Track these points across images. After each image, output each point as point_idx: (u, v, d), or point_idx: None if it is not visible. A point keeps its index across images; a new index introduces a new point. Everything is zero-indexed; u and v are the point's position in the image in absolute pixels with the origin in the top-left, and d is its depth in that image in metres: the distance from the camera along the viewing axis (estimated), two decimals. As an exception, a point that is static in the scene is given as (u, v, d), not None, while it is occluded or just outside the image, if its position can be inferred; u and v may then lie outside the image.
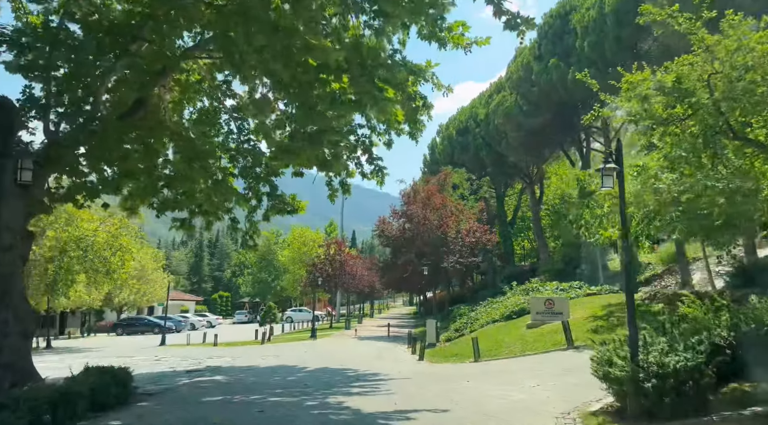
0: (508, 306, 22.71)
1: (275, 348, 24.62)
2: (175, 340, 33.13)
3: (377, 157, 16.63)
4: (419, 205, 30.91)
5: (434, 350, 20.60)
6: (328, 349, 22.66)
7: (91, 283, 33.48)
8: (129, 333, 47.10)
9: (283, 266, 72.24)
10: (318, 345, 25.20)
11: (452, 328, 25.81)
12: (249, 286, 76.42)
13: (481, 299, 34.10)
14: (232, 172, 16.86)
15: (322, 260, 42.39)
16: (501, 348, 16.06)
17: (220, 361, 18.38)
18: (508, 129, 37.23)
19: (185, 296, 76.67)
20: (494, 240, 31.81)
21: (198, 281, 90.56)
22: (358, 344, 25.82)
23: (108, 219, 31.33)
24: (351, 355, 19.81)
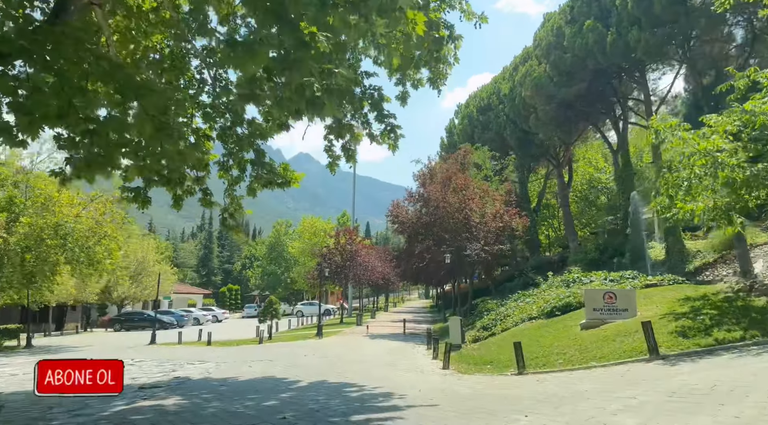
0: (549, 300, 18.97)
1: (273, 350, 21.22)
2: (169, 338, 29.96)
3: (389, 114, 13.06)
4: (437, 186, 27.17)
5: (460, 354, 16.98)
6: (333, 352, 19.16)
7: (76, 275, 30.41)
8: (128, 328, 44.22)
9: (294, 258, 69.20)
10: (322, 346, 21.73)
11: (478, 326, 22.16)
12: (258, 279, 73.59)
13: (509, 292, 30.38)
14: (207, 134, 13.32)
15: (331, 250, 38.95)
16: (552, 356, 12.38)
17: (198, 369, 14.97)
18: (537, 101, 33.29)
19: (192, 289, 74.02)
20: (525, 223, 27.99)
21: (207, 274, 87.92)
22: (369, 344, 22.30)
23: (91, 204, 28.16)
24: (359, 361, 16.28)
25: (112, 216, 28.66)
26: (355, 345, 21.69)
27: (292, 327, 37.64)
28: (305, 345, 22.76)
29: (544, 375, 10.97)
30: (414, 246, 28.01)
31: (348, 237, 38.97)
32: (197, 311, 54.28)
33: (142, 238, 53.32)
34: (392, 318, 44.35)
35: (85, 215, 27.83)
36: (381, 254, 45.51)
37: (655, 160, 23.70)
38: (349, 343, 22.79)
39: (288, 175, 14.37)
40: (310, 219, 67.23)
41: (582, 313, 16.10)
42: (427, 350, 19.52)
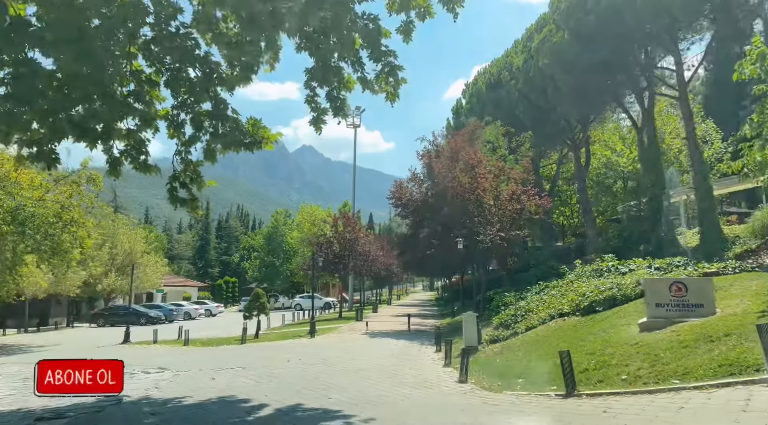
0: (584, 293, 15.68)
1: (254, 352, 18.07)
2: (148, 335, 26.85)
3: (388, 51, 9.92)
4: (445, 162, 23.87)
5: (478, 359, 13.75)
6: (323, 356, 15.97)
7: (43, 266, 27.34)
8: (112, 323, 41.14)
9: (293, 249, 66.13)
10: (313, 348, 18.55)
11: (495, 323, 18.96)
12: (256, 271, 70.56)
13: (525, 283, 27.12)
14: (153, 79, 10.10)
15: (329, 238, 35.73)
16: (608, 368, 9.14)
17: (147, 381, 11.81)
18: (556, 70, 29.85)
19: (187, 282, 71.02)
20: (548, 204, 24.70)
21: (204, 266, 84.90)
22: (368, 345, 19.12)
23: (56, 187, 24.97)
24: (352, 369, 13.08)
25: (80, 200, 25.46)
26: (350, 347, 18.50)
27: (287, 322, 34.53)
28: (293, 346, 19.58)
29: (608, 400, 7.72)
30: (419, 232, 24.76)
31: (347, 224, 35.72)
32: (188, 305, 51.35)
33: (132, 228, 50.22)
34: (395, 312, 41.19)
35: (50, 199, 24.67)
36: (383, 243, 42.26)
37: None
38: (344, 344, 19.60)
39: (259, 133, 11.11)
40: (309, 208, 64.03)
41: (632, 309, 12.85)
42: (437, 353, 16.32)
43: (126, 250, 48.31)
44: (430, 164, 24.63)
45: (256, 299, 23.57)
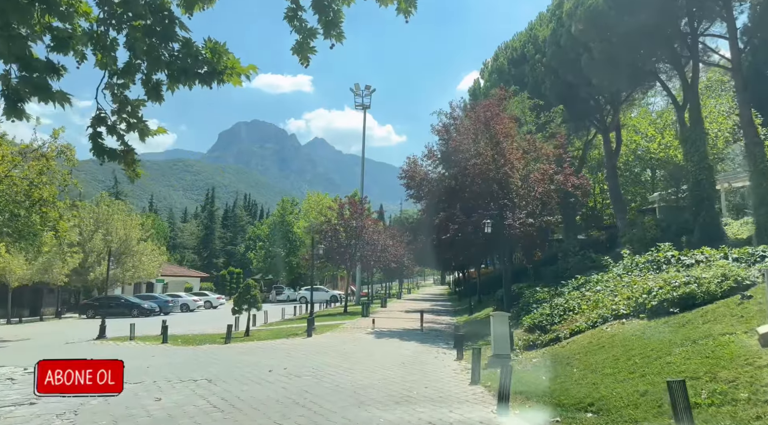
0: (651, 289, 12.33)
1: (235, 355, 15.00)
2: (141, 328, 23.92)
3: None
4: (466, 136, 20.56)
5: (516, 373, 10.49)
6: (315, 364, 12.82)
7: (12, 252, 24.50)
8: (103, 315, 38.29)
9: (299, 239, 63.20)
10: (305, 352, 15.40)
11: (526, 323, 15.70)
12: (261, 261, 67.76)
13: (554, 277, 23.82)
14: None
15: (333, 225, 32.58)
16: (739, 406, 5.88)
17: (66, 404, 8.70)
18: (592, 36, 26.33)
19: (189, 272, 68.44)
20: (587, 185, 21.33)
21: (208, 256, 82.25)
22: (373, 348, 15.95)
23: (24, 161, 21.98)
24: (349, 388, 9.91)
25: (51, 176, 22.49)
26: (351, 351, 15.34)
27: (287, 317, 31.53)
28: (284, 347, 16.46)
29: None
30: (434, 216, 21.50)
31: (354, 211, 32.55)
32: (186, 296, 48.59)
33: (128, 214, 47.46)
34: (406, 306, 38.04)
35: (17, 175, 21.74)
36: (394, 232, 39.08)
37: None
38: (344, 346, 16.43)
39: (222, 61, 7.75)
40: (316, 196, 60.94)
41: (725, 311, 9.54)
42: (458, 361, 13.13)
43: (121, 237, 45.58)
44: (449, 138, 21.29)
45: (246, 291, 20.50)
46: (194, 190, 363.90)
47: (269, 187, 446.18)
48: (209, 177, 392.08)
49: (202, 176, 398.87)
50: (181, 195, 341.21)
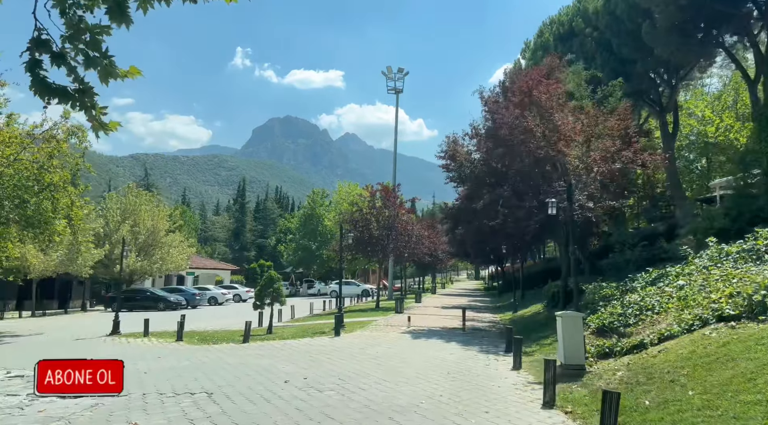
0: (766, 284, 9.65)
1: (250, 359, 12.95)
2: (158, 324, 22.32)
3: None
4: (513, 109, 17.96)
5: (594, 392, 8.05)
6: (341, 372, 10.64)
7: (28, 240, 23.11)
8: (130, 308, 37.35)
9: (330, 231, 61.43)
10: (330, 355, 13.21)
11: (593, 325, 13.12)
12: (291, 254, 66.30)
13: (614, 270, 21.10)
14: None
15: (364, 214, 30.39)
16: None
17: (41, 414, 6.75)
18: (657, 1, 23.28)
19: (220, 265, 67.56)
20: (662, 164, 18.51)
21: (240, 249, 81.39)
22: (410, 353, 13.65)
23: (32, 145, 20.43)
24: (384, 406, 7.71)
25: (63, 159, 20.95)
26: (385, 354, 13.08)
27: (316, 312, 29.59)
28: (307, 349, 14.32)
29: None
30: (477, 202, 19.00)
31: (387, 199, 30.27)
32: (215, 289, 47.36)
33: (156, 205, 46.36)
34: (442, 302, 35.64)
35: (27, 159, 20.26)
36: (430, 224, 36.70)
37: None
38: (376, 348, 14.19)
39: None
40: (347, 187, 58.99)
41: None
42: (516, 371, 10.77)
43: (149, 228, 44.54)
44: (496, 112, 18.71)
45: (268, 284, 18.49)
46: (228, 185, 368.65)
47: (301, 181, 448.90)
48: (243, 172, 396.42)
49: (236, 171, 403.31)
50: (216, 190, 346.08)
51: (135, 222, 44.02)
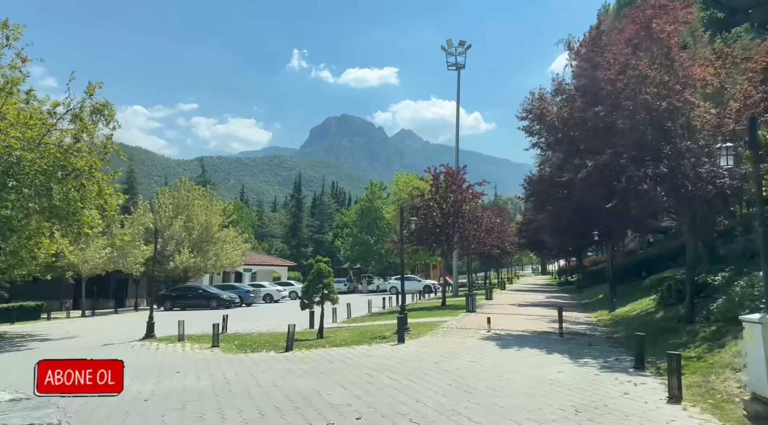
0: None
1: (289, 377, 9.81)
2: (205, 323, 19.88)
3: None
4: (627, 46, 13.89)
5: None
6: (409, 405, 7.19)
7: (57, 234, 21.19)
8: (182, 306, 35.72)
9: (388, 224, 58.31)
10: (393, 376, 9.77)
11: None
12: (348, 249, 63.73)
13: (748, 258, 16.57)
14: None
15: (426, 200, 26.91)
16: None
17: None
18: None
19: (276, 261, 65.94)
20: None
21: (297, 245, 79.80)
22: (503, 368, 10.04)
23: (58, 126, 18.25)
24: None
25: (91, 141, 18.71)
26: (470, 374, 9.52)
27: (375, 310, 26.47)
28: (363, 362, 10.99)
29: None
30: (573, 172, 15.06)
31: (451, 183, 26.61)
32: (270, 286, 45.21)
33: (209, 200, 44.74)
34: (515, 299, 31.61)
35: (52, 142, 18.15)
36: (499, 211, 32.74)
37: None
38: (454, 362, 10.65)
39: None
40: (405, 177, 55.62)
41: None
42: (674, 405, 6.98)
43: (202, 224, 42.94)
44: (591, 59, 14.69)
45: (317, 279, 15.38)
46: (288, 185, 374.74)
47: (358, 179, 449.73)
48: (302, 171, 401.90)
49: (295, 171, 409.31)
50: (277, 189, 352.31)
51: (188, 217, 42.54)
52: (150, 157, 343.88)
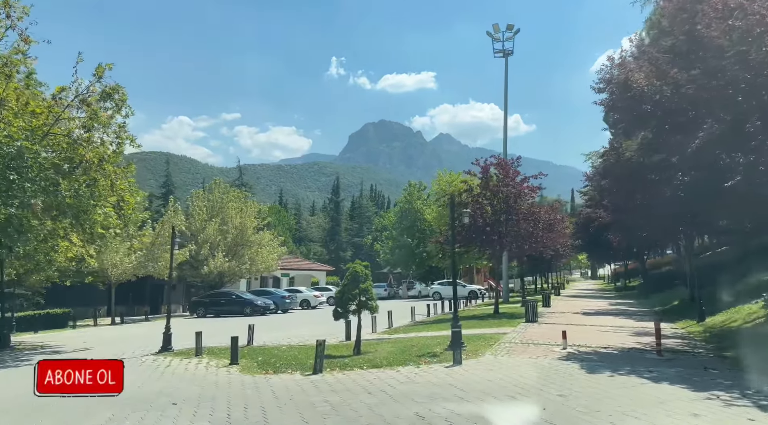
0: None
1: (306, 419, 7.19)
2: (235, 331, 17.72)
3: None
4: None
5: None
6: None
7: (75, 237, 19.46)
8: (216, 313, 34.01)
9: (429, 227, 55.38)
10: (452, 419, 7.01)
11: None
12: (388, 253, 61.20)
13: None
14: None
15: (475, 195, 24.12)
16: None
17: None
18: None
19: (314, 265, 64.08)
20: None
21: (335, 249, 77.85)
22: (608, 410, 7.14)
23: (65, 113, 16.42)
24: None
25: (104, 130, 16.83)
26: (564, 419, 6.71)
27: (419, 318, 23.80)
28: (410, 393, 8.29)
29: None
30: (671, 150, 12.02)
31: (504, 176, 23.73)
32: (307, 291, 43.11)
33: (244, 202, 43.10)
34: (574, 306, 28.32)
35: (60, 132, 16.37)
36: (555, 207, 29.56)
37: None
38: (538, 399, 7.84)
39: None
40: (447, 176, 52.67)
41: None
42: None
43: (237, 227, 41.31)
44: (692, 17, 11.65)
45: (352, 283, 12.88)
46: (327, 190, 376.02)
47: (396, 183, 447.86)
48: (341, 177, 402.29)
49: (334, 177, 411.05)
50: (316, 195, 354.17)
51: (223, 220, 41.01)
52: (195, 166, 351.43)
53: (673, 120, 11.93)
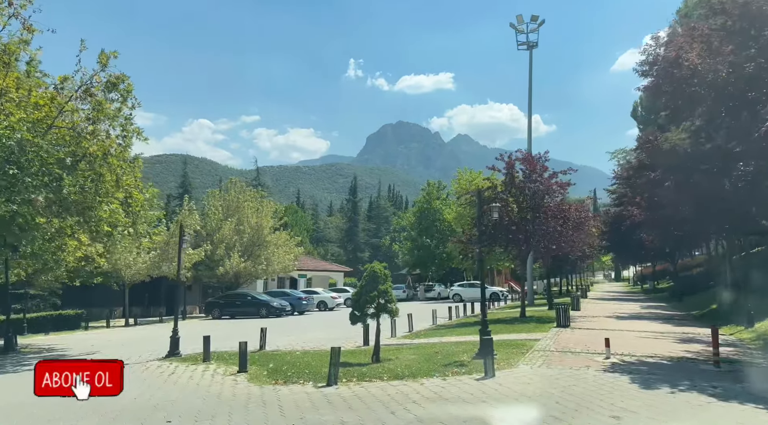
0: None
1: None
2: (250, 334, 16.78)
3: None
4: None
5: None
6: None
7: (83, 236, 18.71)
8: (231, 314, 33.21)
9: (449, 227, 54.03)
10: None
11: None
12: (407, 254, 60.02)
13: None
14: None
15: (498, 192, 22.87)
16: None
17: None
18: None
19: (332, 266, 63.14)
20: None
21: (353, 250, 76.91)
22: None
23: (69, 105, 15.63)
24: None
25: (110, 122, 16.00)
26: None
27: (440, 321, 22.62)
28: (438, 414, 7.16)
29: None
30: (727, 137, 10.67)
31: (531, 171, 22.42)
32: (324, 292, 42.16)
33: (260, 201, 42.29)
34: (604, 309, 26.85)
35: (64, 124, 15.58)
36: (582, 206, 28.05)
37: None
38: (582, 423, 6.64)
39: None
40: (468, 175, 51.25)
41: None
42: None
43: (253, 227, 40.53)
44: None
45: (370, 284, 11.78)
46: (345, 191, 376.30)
47: (414, 184, 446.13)
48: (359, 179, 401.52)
49: (351, 179, 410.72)
50: (334, 196, 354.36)
51: (239, 220, 40.26)
52: (215, 168, 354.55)
53: (730, 102, 10.59)
